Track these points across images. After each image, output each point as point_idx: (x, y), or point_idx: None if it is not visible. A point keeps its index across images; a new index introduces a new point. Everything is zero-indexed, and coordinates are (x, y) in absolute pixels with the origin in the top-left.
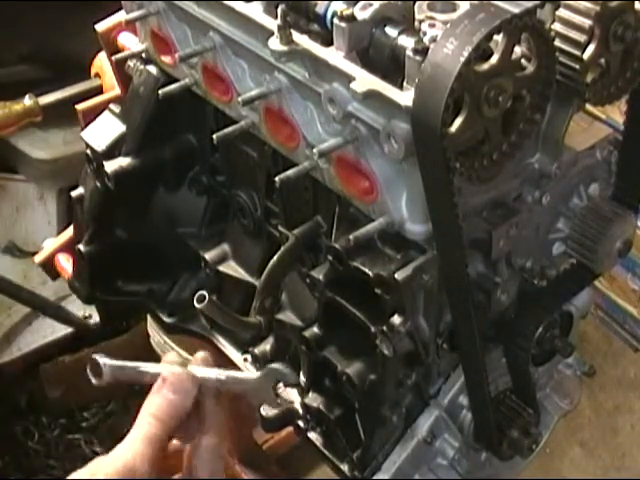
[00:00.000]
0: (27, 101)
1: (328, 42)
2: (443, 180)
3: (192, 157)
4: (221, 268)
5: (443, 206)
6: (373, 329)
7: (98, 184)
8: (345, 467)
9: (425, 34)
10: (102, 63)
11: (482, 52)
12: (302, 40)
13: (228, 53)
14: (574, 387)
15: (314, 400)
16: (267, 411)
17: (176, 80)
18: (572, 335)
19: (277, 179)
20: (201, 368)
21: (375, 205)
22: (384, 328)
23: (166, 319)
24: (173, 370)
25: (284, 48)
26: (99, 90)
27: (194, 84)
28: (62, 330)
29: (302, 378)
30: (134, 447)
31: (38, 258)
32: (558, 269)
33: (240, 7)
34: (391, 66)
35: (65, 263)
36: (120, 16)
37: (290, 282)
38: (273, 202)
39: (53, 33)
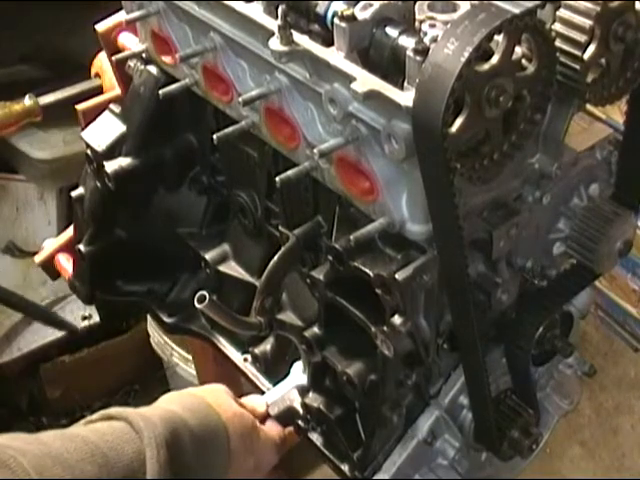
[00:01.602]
0: (27, 101)
1: (328, 42)
2: (444, 180)
3: (192, 157)
4: (221, 268)
5: (443, 206)
6: (373, 329)
7: (98, 184)
8: (345, 467)
9: (426, 34)
10: (102, 63)
11: (483, 52)
12: (302, 40)
13: (228, 53)
14: (574, 387)
15: (314, 400)
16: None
17: (176, 80)
18: (572, 335)
19: (278, 179)
20: None
21: (375, 205)
22: (384, 328)
23: (166, 319)
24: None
25: (284, 48)
26: (99, 90)
27: (194, 84)
28: (62, 330)
29: None
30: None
31: (38, 258)
32: (558, 269)
33: (240, 7)
34: (392, 66)
35: (65, 263)
36: (120, 16)
37: (290, 282)
38: (273, 202)
39: (53, 33)
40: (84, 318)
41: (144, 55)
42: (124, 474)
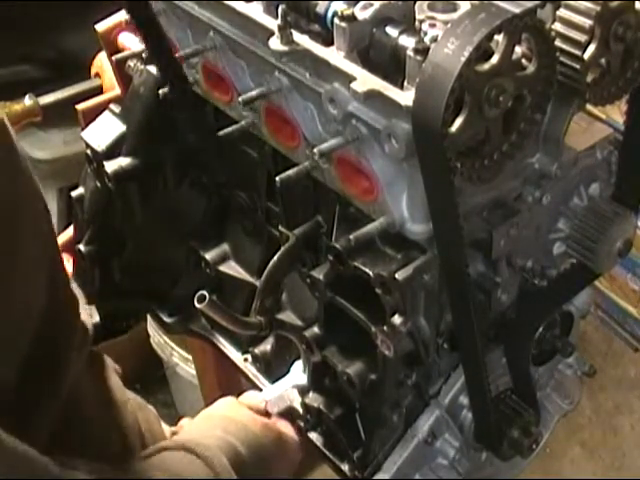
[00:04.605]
0: (27, 101)
1: (328, 42)
2: (444, 180)
3: (192, 157)
4: (221, 268)
5: (444, 206)
6: (373, 329)
7: (98, 184)
8: (345, 467)
9: (426, 34)
10: (102, 63)
11: (483, 52)
12: (302, 40)
13: (228, 53)
14: (574, 387)
15: (314, 400)
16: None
17: None
18: (572, 335)
19: (278, 179)
20: None
21: (376, 205)
22: (384, 328)
23: (166, 319)
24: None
25: (285, 48)
26: (99, 90)
27: (194, 84)
28: None
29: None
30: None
31: None
32: (558, 269)
33: (240, 7)
34: (392, 66)
35: (65, 263)
36: (120, 16)
37: (290, 282)
38: (273, 202)
39: (53, 33)
40: None
41: (144, 55)
42: None
